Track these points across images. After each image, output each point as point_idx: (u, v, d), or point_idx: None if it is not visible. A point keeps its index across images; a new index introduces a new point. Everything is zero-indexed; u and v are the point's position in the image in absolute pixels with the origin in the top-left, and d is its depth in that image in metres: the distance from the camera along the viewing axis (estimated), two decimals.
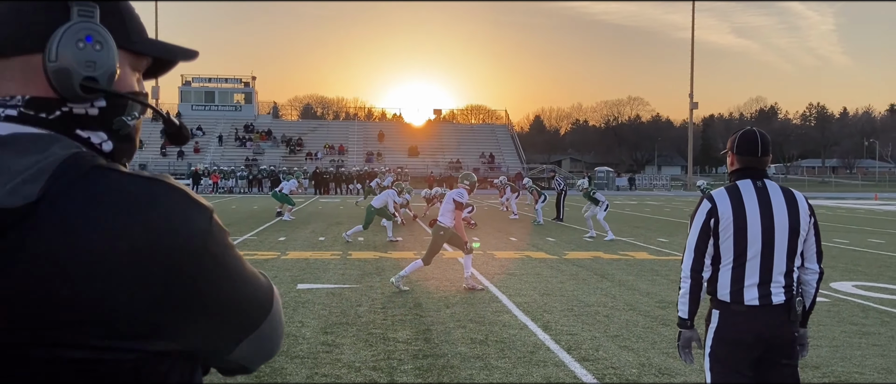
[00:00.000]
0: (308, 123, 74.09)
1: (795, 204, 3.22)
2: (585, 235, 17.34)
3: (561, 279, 10.46)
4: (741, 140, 3.29)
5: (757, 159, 3.26)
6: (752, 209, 3.17)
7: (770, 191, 3.23)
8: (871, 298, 9.05)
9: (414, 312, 7.92)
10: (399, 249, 14.16)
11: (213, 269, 0.92)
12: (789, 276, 3.21)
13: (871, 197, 49.95)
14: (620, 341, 6.71)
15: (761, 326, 3.16)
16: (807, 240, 3.26)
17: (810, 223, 3.25)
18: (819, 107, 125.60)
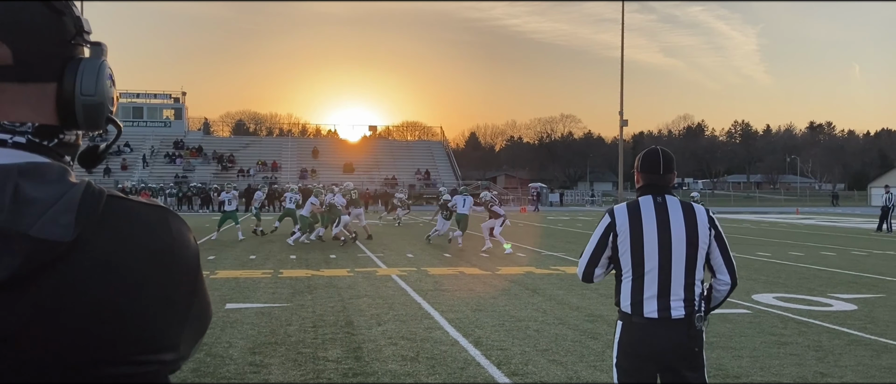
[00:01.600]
0: (240, 139, 72.92)
1: (694, 218, 3.29)
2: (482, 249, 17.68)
3: (493, 294, 10.53)
4: (644, 158, 3.38)
5: (659, 177, 3.34)
6: (650, 224, 3.26)
7: (669, 206, 3.30)
8: (790, 309, 9.38)
9: (345, 331, 7.85)
10: (332, 266, 14.03)
11: (202, 282, 1.02)
12: (689, 290, 3.25)
13: (792, 211, 51.90)
14: (549, 355, 6.78)
15: (660, 340, 3.22)
16: (712, 253, 3.33)
17: (711, 236, 3.30)
18: (744, 124, 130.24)
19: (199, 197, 49.11)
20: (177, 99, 69.21)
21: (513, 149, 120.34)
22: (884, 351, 7.11)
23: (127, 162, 59.10)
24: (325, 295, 10.37)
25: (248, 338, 7.46)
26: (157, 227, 0.95)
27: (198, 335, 1.06)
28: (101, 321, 0.88)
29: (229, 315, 8.75)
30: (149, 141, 63.15)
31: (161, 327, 0.93)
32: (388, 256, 16.14)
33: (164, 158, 61.73)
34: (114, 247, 0.90)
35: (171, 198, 49.24)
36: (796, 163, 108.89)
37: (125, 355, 0.90)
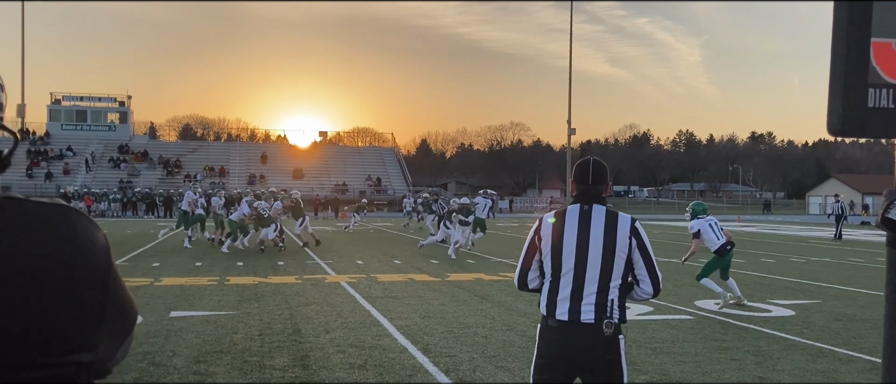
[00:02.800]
0: (187, 144, 71.65)
1: (615, 226, 3.37)
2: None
3: (443, 301, 10.55)
4: (576, 169, 3.51)
5: (588, 186, 3.45)
6: (571, 230, 3.37)
7: (593, 213, 3.40)
8: (731, 315, 9.62)
9: (292, 338, 7.78)
10: (280, 273, 13.89)
11: (116, 280, 1.02)
12: (602, 295, 3.30)
13: (734, 219, 53.16)
14: (497, 361, 6.83)
15: (569, 342, 3.30)
16: (636, 263, 3.40)
17: (631, 245, 3.37)
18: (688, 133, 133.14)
19: (144, 202, 48.06)
20: (122, 102, 67.65)
21: (464, 156, 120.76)
22: (819, 355, 7.34)
23: (69, 166, 57.56)
24: (272, 302, 10.26)
25: (193, 346, 7.35)
26: (58, 227, 0.94)
27: (121, 335, 1.04)
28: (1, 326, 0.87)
29: (174, 323, 8.60)
30: (92, 145, 61.60)
31: (69, 328, 0.92)
32: (337, 263, 16.04)
33: (108, 163, 60.28)
34: (9, 249, 0.89)
35: (115, 203, 48.10)
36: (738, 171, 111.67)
37: (33, 358, 0.89)
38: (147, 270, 14.26)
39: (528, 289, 3.57)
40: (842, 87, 1.85)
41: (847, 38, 1.84)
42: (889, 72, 1.87)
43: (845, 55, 1.84)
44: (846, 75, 1.84)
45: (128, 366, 6.49)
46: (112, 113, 67.09)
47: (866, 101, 1.86)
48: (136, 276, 13.14)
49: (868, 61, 1.85)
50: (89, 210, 46.36)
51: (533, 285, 3.54)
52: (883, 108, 1.87)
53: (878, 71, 1.86)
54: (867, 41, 1.84)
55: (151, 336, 7.83)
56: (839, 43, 1.85)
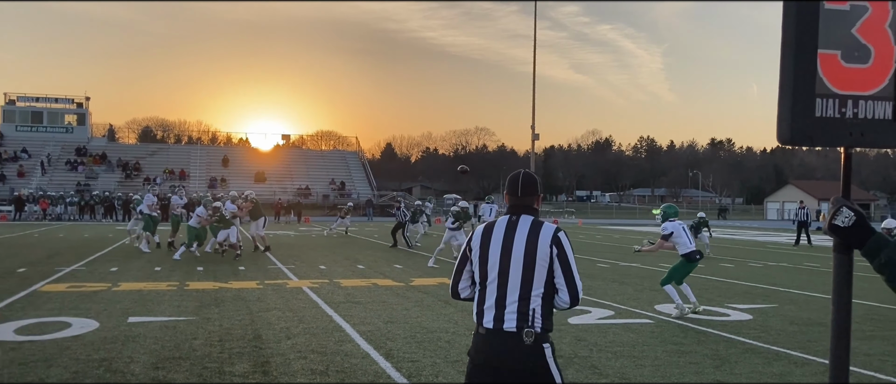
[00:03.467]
0: (147, 147, 70.54)
1: (537, 236, 3.41)
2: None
3: (406, 306, 10.54)
4: (508, 181, 3.60)
5: (517, 198, 3.53)
6: (497, 239, 3.44)
7: (520, 223, 3.47)
8: (690, 319, 9.76)
9: (253, 344, 7.71)
10: (241, 279, 13.74)
11: None
12: (524, 304, 3.33)
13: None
14: (460, 366, 6.84)
15: (492, 350, 3.33)
16: (556, 272, 3.40)
17: (552, 254, 3.38)
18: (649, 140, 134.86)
19: (102, 206, 47.16)
20: (80, 103, 66.34)
21: (429, 160, 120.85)
22: (776, 358, 7.49)
23: (24, 169, 56.29)
24: (232, 308, 10.16)
25: (151, 352, 7.24)
26: None
27: None
28: None
29: (131, 329, 8.46)
30: (48, 147, 60.33)
31: None
32: (299, 268, 15.93)
33: (65, 165, 59.08)
34: None
35: (71, 206, 47.14)
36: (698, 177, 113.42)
37: None
38: (104, 275, 14.00)
39: (461, 297, 3.64)
40: (791, 98, 1.90)
41: (795, 50, 1.89)
42: (835, 82, 1.93)
43: (794, 67, 1.89)
44: (795, 86, 1.90)
45: (83, 372, 6.37)
46: (69, 114, 65.75)
47: (814, 110, 1.91)
48: (93, 281, 12.90)
49: (815, 73, 1.91)
50: (45, 213, 45.42)
51: (464, 294, 3.63)
52: (829, 118, 1.93)
53: (825, 82, 1.92)
54: (814, 53, 1.90)
55: (108, 342, 7.69)
56: (788, 55, 1.90)
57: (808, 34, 1.89)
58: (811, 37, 1.89)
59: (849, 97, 1.95)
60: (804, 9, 1.88)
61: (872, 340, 8.48)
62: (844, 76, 1.93)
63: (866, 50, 1.95)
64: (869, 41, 1.95)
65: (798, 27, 1.88)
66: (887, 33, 1.96)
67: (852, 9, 1.93)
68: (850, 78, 1.94)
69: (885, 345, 8.25)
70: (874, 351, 7.88)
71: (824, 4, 1.90)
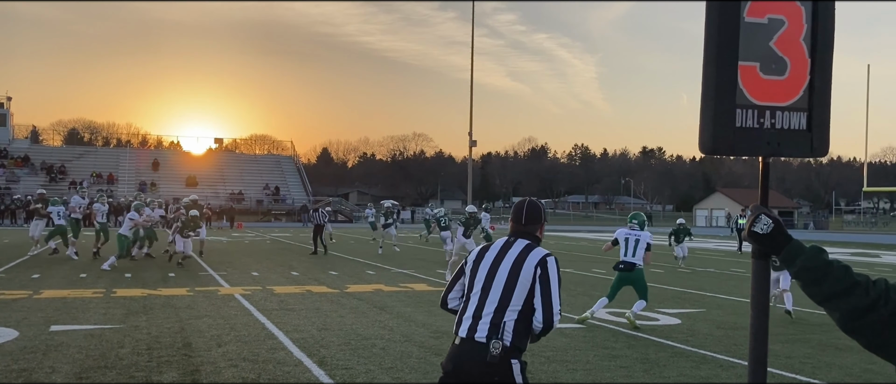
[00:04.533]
0: (73, 149, 68.13)
1: (525, 256, 3.58)
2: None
3: (341, 313, 10.45)
4: (513, 209, 3.83)
5: (519, 225, 3.75)
6: (490, 258, 3.64)
7: (513, 246, 3.66)
8: (622, 324, 9.95)
9: (182, 353, 7.53)
10: (170, 285, 13.40)
11: None
12: (498, 317, 3.45)
13: None
14: (394, 373, 6.82)
15: (460, 357, 3.46)
16: (535, 293, 3.51)
17: (535, 275, 3.53)
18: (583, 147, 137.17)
19: (24, 210, 45.38)
20: (1, 104, 63.79)
21: (366, 165, 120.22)
22: (703, 362, 7.70)
23: None
24: (161, 315, 9.90)
25: (75, 362, 6.99)
26: None
27: None
28: None
29: (54, 337, 8.16)
30: None
31: None
32: (231, 275, 15.63)
33: None
34: None
35: None
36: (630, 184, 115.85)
37: None
38: (25, 282, 13.47)
39: (448, 307, 3.78)
40: (712, 108, 1.96)
41: (717, 61, 1.95)
42: (754, 93, 2.00)
43: (715, 78, 1.95)
44: (716, 97, 1.96)
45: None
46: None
47: (734, 120, 1.98)
48: (12, 289, 12.39)
49: (736, 83, 1.97)
50: None
51: (452, 305, 3.78)
52: (749, 128, 2.00)
53: (745, 93, 1.99)
54: (735, 65, 1.96)
55: (28, 352, 7.40)
56: (710, 66, 1.96)
57: (729, 46, 1.95)
58: (732, 49, 1.95)
59: (766, 108, 2.02)
60: (725, 22, 1.94)
61: (794, 343, 8.79)
62: (762, 87, 2.00)
63: (783, 62, 2.02)
64: (785, 54, 2.02)
65: (719, 39, 1.95)
66: (802, 46, 2.04)
67: (770, 22, 2.00)
68: (767, 89, 2.01)
69: (805, 347, 8.56)
70: (795, 354, 8.18)
71: (744, 17, 1.96)
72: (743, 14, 1.96)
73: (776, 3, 2.00)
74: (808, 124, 2.07)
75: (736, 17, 1.95)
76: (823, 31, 2.05)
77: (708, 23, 1.96)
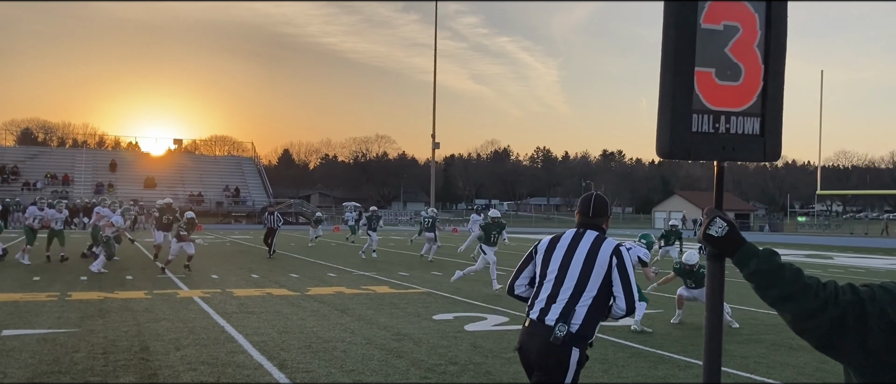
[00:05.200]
0: (27, 150, 66.51)
1: (598, 248, 3.89)
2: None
3: (302, 316, 10.38)
4: (581, 201, 4.13)
5: (587, 217, 4.04)
6: (562, 247, 3.96)
7: (584, 236, 3.96)
8: None
9: (139, 357, 7.41)
10: (128, 288, 13.18)
11: None
12: (571, 303, 3.73)
13: None
14: (355, 376, 6.80)
15: (529, 338, 3.82)
16: (614, 282, 3.83)
17: (611, 264, 3.84)
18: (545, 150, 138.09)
19: None
20: None
21: (327, 167, 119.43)
22: (660, 362, 7.81)
23: None
24: (118, 319, 9.73)
25: (28, 367, 6.84)
26: None
27: None
28: None
29: (6, 342, 7.97)
30: None
31: None
32: (190, 277, 15.42)
33: None
34: None
35: None
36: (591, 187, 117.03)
37: None
38: None
39: (515, 294, 4.05)
40: (670, 113, 2.00)
41: (674, 67, 1.99)
42: (709, 99, 2.04)
43: (672, 83, 1.99)
44: (673, 102, 1.99)
45: None
46: None
47: (691, 125, 2.02)
48: None
49: (692, 89, 2.01)
50: None
51: (519, 291, 4.08)
52: (704, 133, 2.04)
53: (701, 98, 2.03)
54: (692, 71, 2.00)
55: None
56: (667, 72, 2.00)
57: (686, 52, 1.99)
58: (689, 55, 1.99)
59: (721, 113, 2.06)
60: (683, 28, 1.98)
61: (749, 343, 8.97)
62: (718, 93, 2.05)
63: (737, 68, 2.07)
64: (740, 60, 2.07)
65: (677, 45, 1.98)
66: (756, 53, 2.09)
67: (725, 28, 2.04)
68: (722, 95, 2.06)
69: (759, 347, 8.74)
70: (750, 353, 8.34)
71: (701, 24, 2.00)
72: (699, 20, 2.00)
73: (731, 9, 2.05)
74: (761, 129, 2.12)
75: (693, 23, 1.98)
76: (776, 37, 2.10)
77: (665, 30, 2.00)
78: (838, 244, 42.15)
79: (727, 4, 2.03)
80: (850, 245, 41.26)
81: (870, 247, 38.70)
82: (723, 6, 2.03)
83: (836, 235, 61.04)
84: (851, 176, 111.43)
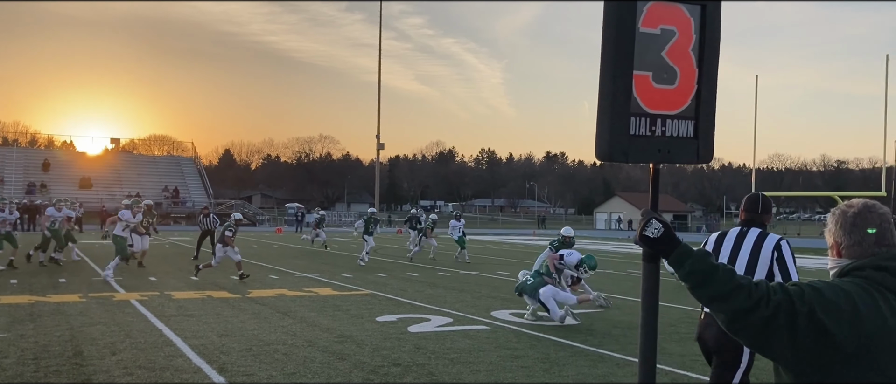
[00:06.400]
0: None
1: (762, 242, 4.42)
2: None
3: (242, 318, 10.22)
4: (747, 201, 4.63)
5: (755, 214, 4.56)
6: (729, 243, 4.55)
7: (748, 233, 4.52)
8: (524, 324, 10.14)
9: (73, 361, 7.19)
10: (61, 291, 12.78)
11: None
12: None
13: (530, 233, 56.20)
14: (297, 378, 6.73)
15: (704, 329, 4.50)
16: (775, 275, 4.37)
17: (772, 258, 4.39)
18: (490, 151, 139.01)
19: None
20: None
21: (270, 167, 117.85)
22: (600, 361, 7.93)
23: None
24: (50, 323, 9.43)
25: None
26: None
27: None
28: None
29: None
30: None
31: None
32: (127, 280, 15.04)
33: None
34: None
35: None
36: (534, 188, 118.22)
37: None
38: None
39: None
40: (609, 116, 2.03)
41: (614, 71, 2.02)
42: (647, 102, 2.08)
43: (612, 87, 2.02)
44: (613, 106, 2.02)
45: None
46: None
47: (629, 128, 2.05)
48: None
49: (631, 93, 2.05)
50: None
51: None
52: (642, 136, 2.08)
53: (639, 101, 2.07)
54: (630, 74, 2.04)
55: None
56: (607, 75, 2.03)
57: (625, 56, 2.02)
58: (628, 59, 2.02)
59: (658, 116, 2.10)
60: (622, 31, 2.00)
61: (686, 342, 9.17)
62: (654, 96, 2.08)
63: (673, 71, 2.11)
64: (675, 63, 2.11)
65: (617, 49, 2.01)
66: (691, 56, 2.13)
67: (662, 32, 2.08)
68: (659, 98, 2.09)
69: (696, 346, 8.93)
70: (687, 352, 8.53)
71: (639, 28, 2.03)
72: (638, 24, 2.03)
73: (668, 13, 2.08)
74: (695, 132, 2.16)
75: (631, 26, 2.01)
76: (710, 42, 2.15)
77: (605, 34, 2.02)
78: None
79: (665, 8, 2.06)
80: None
81: (802, 247, 39.99)
82: (660, 9, 2.06)
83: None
84: (785, 178, 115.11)
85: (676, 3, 2.09)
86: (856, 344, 1.86)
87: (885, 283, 1.97)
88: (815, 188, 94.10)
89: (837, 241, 2.11)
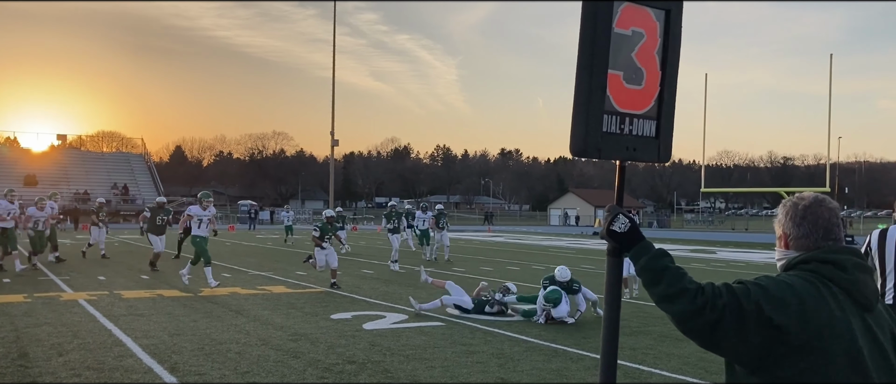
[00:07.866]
0: None
1: None
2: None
3: (194, 317, 10.07)
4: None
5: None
6: (891, 241, 5.11)
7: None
8: (479, 320, 10.19)
9: (17, 363, 7.01)
10: (5, 292, 12.42)
11: None
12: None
13: (485, 229, 56.45)
14: (250, 377, 6.67)
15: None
16: None
17: None
18: (445, 148, 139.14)
19: None
20: None
21: (222, 164, 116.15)
22: (554, 355, 8.02)
23: None
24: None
25: None
26: None
27: None
28: None
29: None
30: None
31: None
32: (75, 279, 14.69)
33: None
34: None
35: None
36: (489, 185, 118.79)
37: None
38: None
39: None
40: (584, 114, 2.06)
41: (591, 69, 2.05)
42: (618, 101, 2.13)
43: (588, 85, 2.06)
44: (588, 103, 2.06)
45: None
46: None
47: (602, 126, 2.09)
48: None
49: (605, 91, 2.09)
50: None
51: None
52: (613, 133, 2.12)
53: (611, 100, 2.11)
54: (605, 73, 2.08)
55: None
56: (584, 72, 2.06)
57: (602, 54, 2.06)
58: (603, 58, 2.07)
59: (626, 115, 2.15)
60: (600, 32, 2.05)
61: (638, 335, 9.33)
62: (625, 96, 2.14)
63: (641, 73, 2.17)
64: (643, 65, 2.17)
65: (594, 48, 2.05)
66: (655, 59, 2.19)
67: (633, 34, 2.14)
68: (628, 98, 2.15)
69: (648, 339, 9.10)
70: (639, 345, 8.68)
71: (614, 29, 2.08)
72: (613, 24, 2.08)
73: (638, 16, 2.14)
74: (657, 132, 2.22)
75: (608, 26, 2.06)
76: (672, 45, 2.21)
77: (583, 30, 2.06)
78: (721, 239, 44.40)
79: (635, 10, 2.13)
80: (732, 240, 43.56)
81: (750, 241, 40.96)
82: (632, 11, 2.12)
83: (719, 231, 64.29)
84: (733, 174, 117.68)
85: (645, 6, 2.14)
86: (805, 337, 1.91)
87: (831, 276, 2.03)
88: (763, 184, 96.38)
89: (786, 232, 2.17)
